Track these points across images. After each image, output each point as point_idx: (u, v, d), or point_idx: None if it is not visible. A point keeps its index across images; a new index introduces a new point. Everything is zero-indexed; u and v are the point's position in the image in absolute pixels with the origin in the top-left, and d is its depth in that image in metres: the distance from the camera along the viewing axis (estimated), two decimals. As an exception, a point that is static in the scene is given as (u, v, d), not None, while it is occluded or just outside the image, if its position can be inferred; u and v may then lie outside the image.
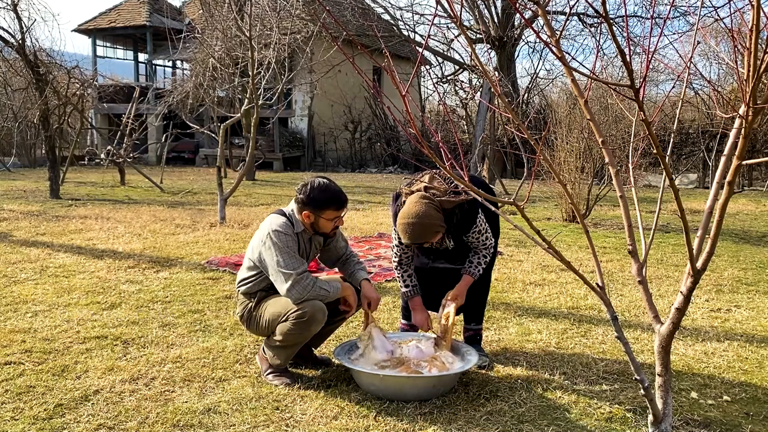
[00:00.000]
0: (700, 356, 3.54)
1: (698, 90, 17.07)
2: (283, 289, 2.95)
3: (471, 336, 3.48)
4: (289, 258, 2.96)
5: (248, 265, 3.16)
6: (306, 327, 2.94)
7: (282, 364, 3.06)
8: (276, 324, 3.01)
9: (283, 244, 2.97)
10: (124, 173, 13.78)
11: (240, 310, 3.21)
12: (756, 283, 5.37)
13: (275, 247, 2.97)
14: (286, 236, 3.00)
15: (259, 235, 3.11)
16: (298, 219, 3.08)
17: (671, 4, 2.66)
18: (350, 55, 2.18)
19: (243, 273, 3.20)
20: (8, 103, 17.72)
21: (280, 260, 2.95)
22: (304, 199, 3.01)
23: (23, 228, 7.45)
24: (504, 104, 1.96)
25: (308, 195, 3.00)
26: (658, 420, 2.31)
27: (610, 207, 10.66)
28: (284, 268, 2.94)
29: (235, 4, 10.74)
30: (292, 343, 3.01)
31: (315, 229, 3.10)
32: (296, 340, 3.00)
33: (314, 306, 2.93)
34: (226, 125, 8.84)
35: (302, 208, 3.04)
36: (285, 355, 3.04)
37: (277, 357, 3.05)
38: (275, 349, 3.04)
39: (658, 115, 11.96)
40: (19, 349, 3.39)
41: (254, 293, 3.15)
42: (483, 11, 18.47)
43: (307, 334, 3.00)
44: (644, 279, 2.26)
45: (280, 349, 3.03)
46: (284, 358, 3.05)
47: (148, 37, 21.98)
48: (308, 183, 3.05)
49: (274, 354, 3.05)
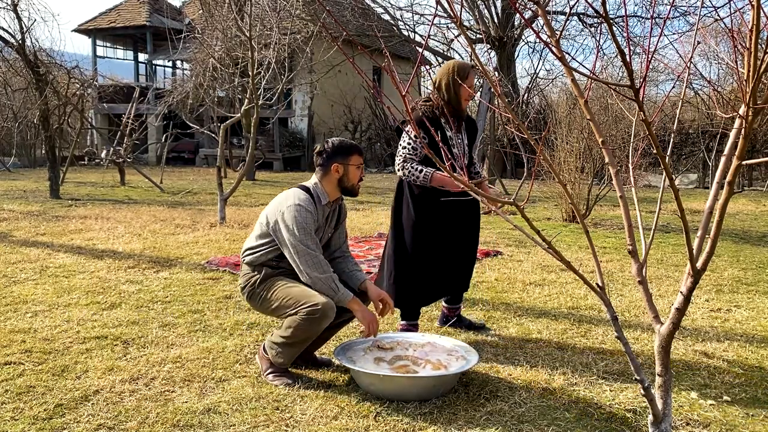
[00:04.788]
0: (700, 356, 3.54)
1: (698, 90, 17.07)
2: (298, 264, 2.97)
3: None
4: (306, 235, 2.97)
5: (259, 233, 3.14)
6: (317, 323, 2.93)
7: (285, 363, 3.04)
8: (284, 313, 3.00)
9: (303, 219, 2.98)
10: (124, 173, 13.78)
11: (243, 282, 3.17)
12: (756, 283, 5.37)
13: (295, 222, 2.97)
14: (307, 212, 3.00)
15: (276, 204, 3.09)
16: (323, 190, 3.12)
17: (671, 4, 2.66)
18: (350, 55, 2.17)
19: (251, 241, 3.17)
20: (8, 103, 17.72)
21: (298, 235, 2.96)
22: (330, 153, 3.11)
23: (23, 228, 7.45)
24: (504, 104, 1.96)
25: (333, 148, 3.13)
26: (658, 420, 2.31)
27: (610, 207, 10.66)
28: (302, 244, 2.95)
29: (235, 4, 10.74)
30: (299, 339, 2.98)
31: (343, 184, 3.13)
32: (304, 335, 2.97)
33: (327, 303, 2.92)
34: (226, 125, 8.84)
35: (330, 162, 3.10)
36: (290, 353, 3.01)
37: (281, 356, 3.01)
38: (280, 346, 3.01)
39: (658, 115, 11.96)
40: (19, 349, 3.39)
41: (260, 265, 3.12)
42: (483, 11, 18.46)
43: (315, 330, 2.97)
44: (644, 279, 2.26)
45: (285, 347, 3.00)
46: (288, 357, 3.02)
47: (148, 37, 21.97)
48: (324, 143, 3.17)
49: (278, 352, 3.02)
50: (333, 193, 3.17)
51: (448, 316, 3.94)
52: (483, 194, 2.05)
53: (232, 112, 14.25)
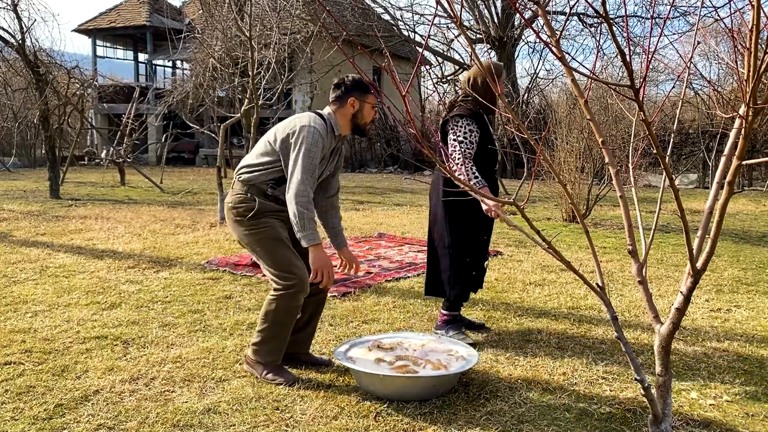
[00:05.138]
0: (700, 356, 3.54)
1: (698, 90, 17.08)
2: (291, 191, 2.89)
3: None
4: (310, 163, 2.90)
5: (262, 150, 3.07)
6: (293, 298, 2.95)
7: (276, 358, 3.04)
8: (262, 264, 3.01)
9: (313, 142, 2.91)
10: (124, 173, 13.78)
11: (233, 201, 3.06)
12: (756, 283, 5.37)
13: (305, 144, 2.91)
14: (319, 137, 2.94)
15: (289, 122, 3.03)
16: (336, 121, 3.07)
17: (671, 4, 2.66)
18: (350, 55, 2.18)
19: (251, 159, 3.09)
20: (8, 103, 17.74)
21: (303, 160, 2.89)
22: (349, 86, 3.06)
23: (23, 228, 7.45)
24: (504, 104, 1.96)
25: (353, 82, 3.07)
26: (658, 420, 2.31)
27: (610, 207, 10.66)
28: (303, 171, 2.88)
29: (235, 4, 10.73)
30: (278, 322, 2.98)
31: (356, 121, 3.09)
32: (281, 318, 2.98)
33: (302, 277, 2.95)
34: (226, 125, 8.83)
35: (347, 96, 3.05)
36: (275, 346, 3.02)
37: (270, 353, 3.03)
38: (264, 343, 3.02)
39: (658, 115, 11.95)
40: (19, 349, 3.39)
41: (255, 187, 3.03)
42: (483, 11, 18.47)
43: (292, 306, 2.98)
44: (644, 279, 2.26)
45: (269, 341, 3.01)
46: (276, 350, 3.03)
47: (148, 37, 21.99)
48: (342, 78, 3.10)
49: (265, 351, 3.03)
50: (345, 127, 3.11)
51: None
52: (483, 195, 2.05)
53: (232, 112, 14.24)
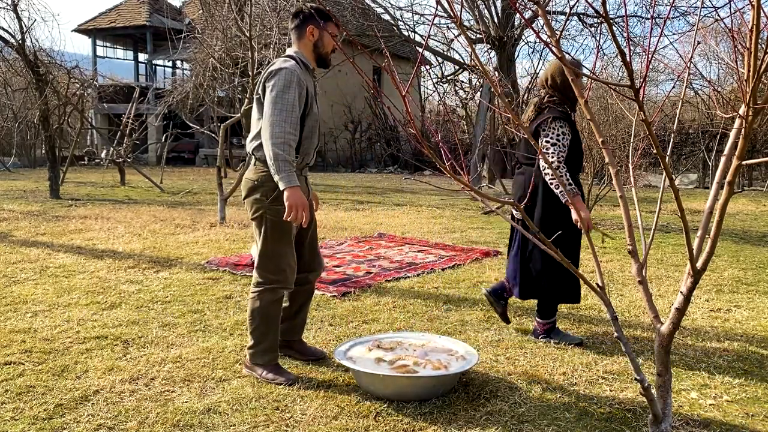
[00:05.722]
0: (700, 356, 3.54)
1: (698, 90, 17.07)
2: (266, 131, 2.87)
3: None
4: (285, 112, 2.87)
5: (258, 116, 3.03)
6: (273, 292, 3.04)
7: (273, 357, 3.08)
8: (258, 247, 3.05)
9: (285, 85, 2.88)
10: (124, 173, 13.78)
11: (254, 177, 3.02)
12: (756, 283, 5.37)
13: (277, 88, 2.88)
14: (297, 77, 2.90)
15: (264, 74, 2.99)
16: (306, 56, 3.06)
17: (671, 4, 2.66)
18: (350, 55, 2.17)
19: (255, 126, 3.05)
20: (8, 103, 17.73)
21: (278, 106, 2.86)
22: (306, 15, 3.04)
23: (23, 228, 7.45)
24: (504, 104, 1.96)
25: (309, 10, 3.04)
26: (658, 420, 2.31)
27: (610, 207, 10.66)
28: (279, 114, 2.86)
29: (235, 4, 10.73)
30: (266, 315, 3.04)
31: (318, 50, 3.07)
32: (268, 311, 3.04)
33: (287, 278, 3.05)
34: (226, 125, 8.84)
35: (306, 25, 3.04)
36: (269, 344, 3.06)
37: (266, 352, 3.06)
38: (259, 343, 3.06)
39: (658, 115, 11.95)
40: (19, 349, 3.39)
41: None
42: (483, 11, 18.46)
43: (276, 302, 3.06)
44: (644, 279, 2.26)
45: (262, 339, 3.05)
46: (271, 348, 3.07)
47: (148, 37, 21.99)
48: (300, 7, 3.08)
49: (260, 351, 3.07)
50: (311, 59, 3.10)
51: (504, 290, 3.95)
52: (483, 195, 2.06)
53: (232, 112, 14.25)
